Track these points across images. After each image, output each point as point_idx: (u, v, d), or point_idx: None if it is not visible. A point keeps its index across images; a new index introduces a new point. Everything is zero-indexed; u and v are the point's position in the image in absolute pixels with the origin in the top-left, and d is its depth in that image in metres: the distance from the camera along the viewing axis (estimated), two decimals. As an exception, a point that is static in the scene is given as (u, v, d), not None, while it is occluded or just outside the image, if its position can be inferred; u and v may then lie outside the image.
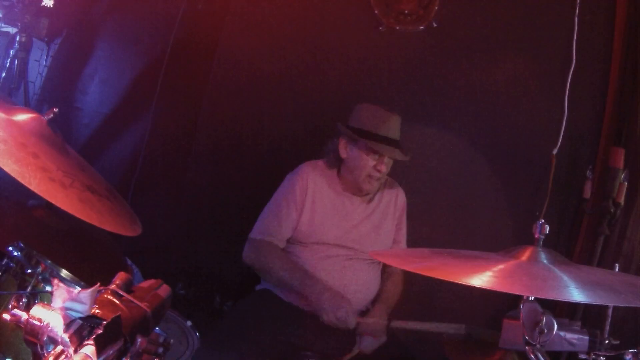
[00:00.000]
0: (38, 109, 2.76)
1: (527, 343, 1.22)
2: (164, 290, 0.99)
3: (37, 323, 0.80)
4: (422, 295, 2.62)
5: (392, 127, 2.20)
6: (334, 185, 2.27)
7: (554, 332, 1.21)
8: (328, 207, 2.24)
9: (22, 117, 1.35)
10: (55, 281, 0.82)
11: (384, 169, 2.19)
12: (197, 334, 1.72)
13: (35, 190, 1.15)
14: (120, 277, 0.92)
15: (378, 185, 2.26)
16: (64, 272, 1.31)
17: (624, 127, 2.51)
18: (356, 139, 2.18)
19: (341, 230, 2.22)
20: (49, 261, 1.27)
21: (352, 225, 2.25)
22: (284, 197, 2.23)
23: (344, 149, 2.23)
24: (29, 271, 1.23)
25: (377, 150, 2.15)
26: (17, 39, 2.90)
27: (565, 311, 2.47)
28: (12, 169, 1.13)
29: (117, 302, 0.87)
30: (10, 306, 1.16)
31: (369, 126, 2.18)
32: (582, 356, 1.34)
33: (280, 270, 2.13)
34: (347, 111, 2.33)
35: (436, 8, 2.75)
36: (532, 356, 1.21)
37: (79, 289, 0.80)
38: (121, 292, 0.89)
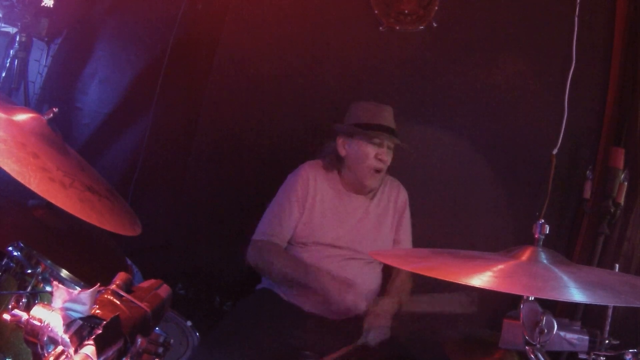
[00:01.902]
0: (38, 109, 2.76)
1: (527, 343, 1.22)
2: (164, 290, 0.99)
3: (38, 323, 0.79)
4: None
5: (386, 116, 2.24)
6: (335, 185, 2.27)
7: (554, 332, 1.21)
8: (327, 207, 2.24)
9: (22, 117, 1.34)
10: (55, 281, 0.82)
11: (385, 157, 2.20)
12: (197, 334, 1.72)
13: (35, 190, 1.15)
14: (120, 277, 0.92)
15: (380, 179, 2.27)
16: (64, 272, 1.31)
17: (624, 127, 2.51)
18: (353, 132, 2.20)
19: (340, 231, 2.22)
20: (49, 261, 1.27)
21: (351, 225, 2.25)
22: (285, 197, 2.24)
23: (342, 147, 2.25)
24: (29, 271, 1.23)
25: (375, 137, 2.18)
26: (17, 39, 2.89)
27: (565, 311, 2.47)
28: (12, 169, 1.13)
29: (117, 302, 0.87)
30: (10, 306, 1.16)
31: (364, 119, 2.22)
32: (582, 356, 1.34)
33: (283, 267, 2.13)
34: (347, 111, 2.33)
35: (436, 8, 2.75)
36: (532, 356, 1.21)
37: (79, 289, 0.80)
38: (121, 292, 0.89)
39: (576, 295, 1.07)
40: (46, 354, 0.78)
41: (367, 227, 2.27)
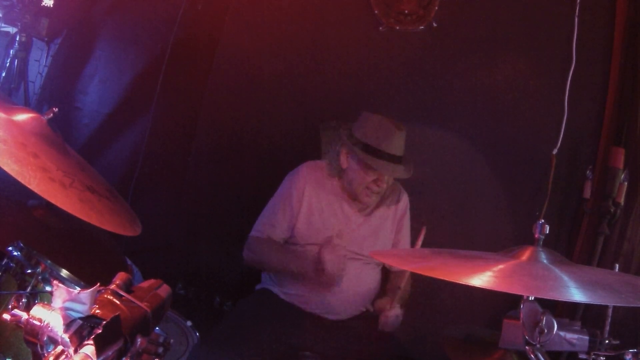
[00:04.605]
0: (38, 109, 2.75)
1: (527, 343, 1.22)
2: (164, 290, 0.99)
3: (37, 323, 0.79)
4: (422, 296, 2.61)
5: (396, 143, 2.12)
6: (334, 188, 2.25)
7: (554, 332, 1.21)
8: (326, 209, 2.22)
9: (22, 117, 1.34)
10: (55, 281, 0.82)
11: (384, 185, 2.16)
12: (197, 334, 1.72)
13: (35, 190, 1.15)
14: (120, 277, 0.92)
15: (377, 198, 2.23)
16: (64, 272, 1.31)
17: (624, 127, 2.51)
18: (357, 152, 2.11)
19: (339, 232, 2.20)
20: (49, 261, 1.27)
21: (350, 228, 2.23)
22: (281, 197, 2.24)
23: (345, 159, 2.19)
24: (29, 271, 1.23)
25: (378, 169, 2.10)
26: (17, 39, 2.89)
27: (565, 311, 2.47)
28: (12, 169, 1.13)
29: (117, 302, 0.87)
30: (10, 306, 1.16)
31: (372, 140, 2.10)
32: (582, 356, 1.34)
33: (270, 253, 2.17)
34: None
35: (436, 8, 2.75)
36: (532, 356, 1.21)
37: (79, 289, 0.80)
38: (121, 292, 0.89)
39: (576, 295, 1.07)
40: (46, 354, 0.78)
41: (366, 230, 2.26)
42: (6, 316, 0.84)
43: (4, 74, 2.94)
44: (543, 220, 1.30)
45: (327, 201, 2.23)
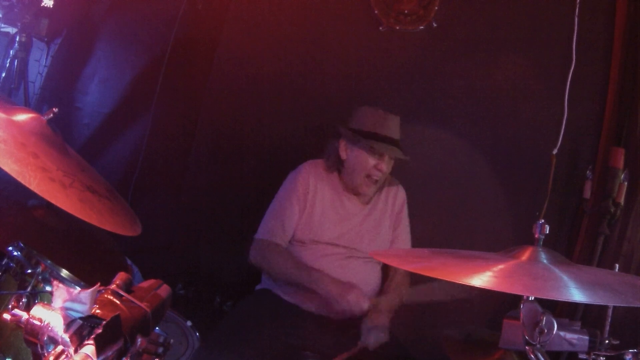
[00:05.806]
0: (38, 109, 2.76)
1: (527, 343, 1.22)
2: (164, 290, 0.99)
3: (38, 323, 0.79)
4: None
5: (392, 127, 2.21)
6: (335, 186, 2.28)
7: (554, 332, 1.21)
8: (327, 206, 2.25)
9: (22, 117, 1.35)
10: (55, 281, 0.82)
11: (385, 168, 2.20)
12: (197, 334, 1.73)
13: (35, 190, 1.15)
14: (120, 277, 0.92)
15: (376, 188, 2.27)
16: (64, 272, 1.31)
17: (624, 127, 2.51)
18: (357, 139, 2.18)
19: (339, 229, 2.23)
20: (49, 261, 1.27)
21: (350, 225, 2.25)
22: (286, 196, 2.24)
23: (344, 151, 2.24)
24: (29, 271, 1.24)
25: (378, 150, 2.17)
26: (17, 39, 2.89)
27: (565, 311, 2.47)
28: (12, 169, 1.13)
29: (117, 302, 0.87)
30: (10, 306, 1.16)
31: (370, 127, 2.19)
32: (582, 356, 1.33)
33: (286, 268, 2.14)
34: (347, 111, 2.33)
35: (436, 8, 2.75)
36: (532, 356, 1.21)
37: (79, 289, 0.80)
38: (121, 292, 0.89)
39: (576, 295, 1.07)
40: (46, 354, 0.78)
41: (365, 226, 2.28)
42: (6, 316, 0.84)
43: (4, 74, 2.94)
44: (543, 220, 1.30)
45: (329, 197, 2.26)
